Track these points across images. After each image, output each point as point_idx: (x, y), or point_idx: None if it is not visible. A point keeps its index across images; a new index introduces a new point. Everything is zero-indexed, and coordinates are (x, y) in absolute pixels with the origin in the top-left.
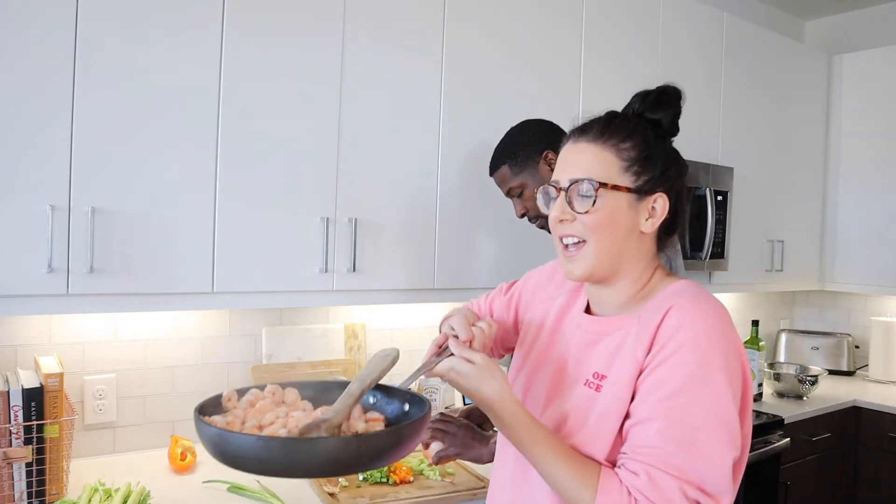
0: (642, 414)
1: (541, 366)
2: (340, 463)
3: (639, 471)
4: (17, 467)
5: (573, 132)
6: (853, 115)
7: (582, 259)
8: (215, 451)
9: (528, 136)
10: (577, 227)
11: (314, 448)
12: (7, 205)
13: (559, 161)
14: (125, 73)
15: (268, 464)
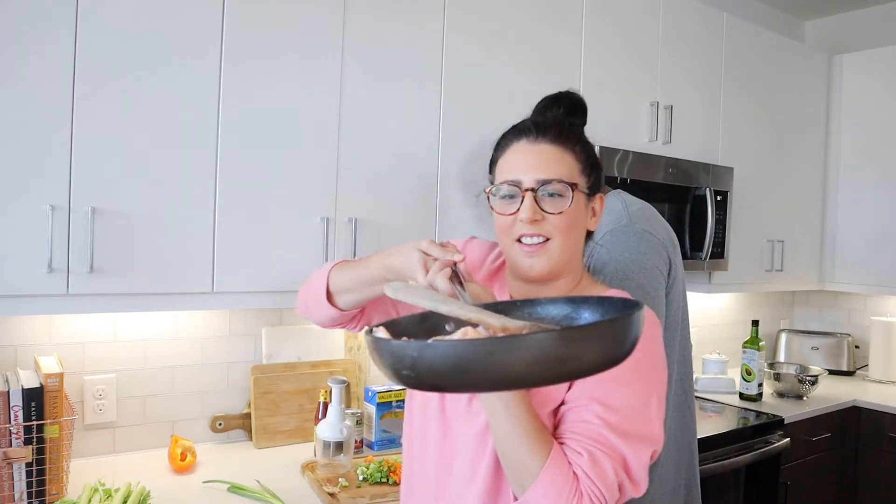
0: (581, 399)
1: None
2: (555, 361)
3: (581, 450)
4: (17, 467)
5: (524, 132)
6: (853, 115)
7: (546, 255)
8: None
9: None
10: (546, 227)
11: (526, 344)
12: (7, 205)
13: (513, 160)
14: (125, 72)
15: (470, 373)
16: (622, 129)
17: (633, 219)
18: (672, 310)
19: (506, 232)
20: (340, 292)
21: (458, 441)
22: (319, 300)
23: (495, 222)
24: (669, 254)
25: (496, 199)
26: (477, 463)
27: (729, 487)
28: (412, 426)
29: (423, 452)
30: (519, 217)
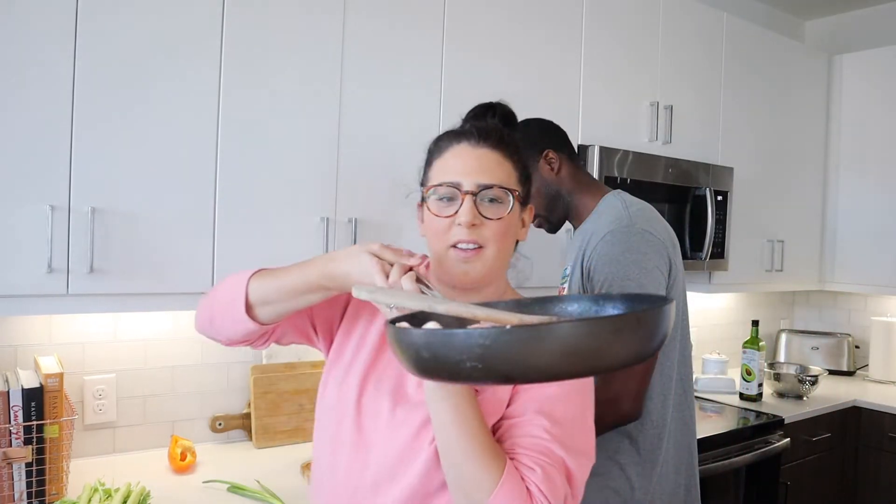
0: (528, 414)
1: (392, 364)
2: (585, 352)
3: (534, 465)
4: (17, 467)
5: (466, 135)
6: (853, 115)
7: (480, 261)
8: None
9: (526, 136)
10: (483, 232)
11: (555, 334)
12: (7, 205)
13: (453, 162)
14: (125, 72)
15: (488, 360)
16: (622, 129)
17: (634, 219)
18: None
19: (440, 235)
20: (263, 303)
21: (375, 457)
22: (235, 313)
23: (427, 224)
24: (670, 254)
25: (433, 201)
26: (398, 480)
27: (729, 487)
28: (324, 436)
29: (333, 467)
30: (458, 220)
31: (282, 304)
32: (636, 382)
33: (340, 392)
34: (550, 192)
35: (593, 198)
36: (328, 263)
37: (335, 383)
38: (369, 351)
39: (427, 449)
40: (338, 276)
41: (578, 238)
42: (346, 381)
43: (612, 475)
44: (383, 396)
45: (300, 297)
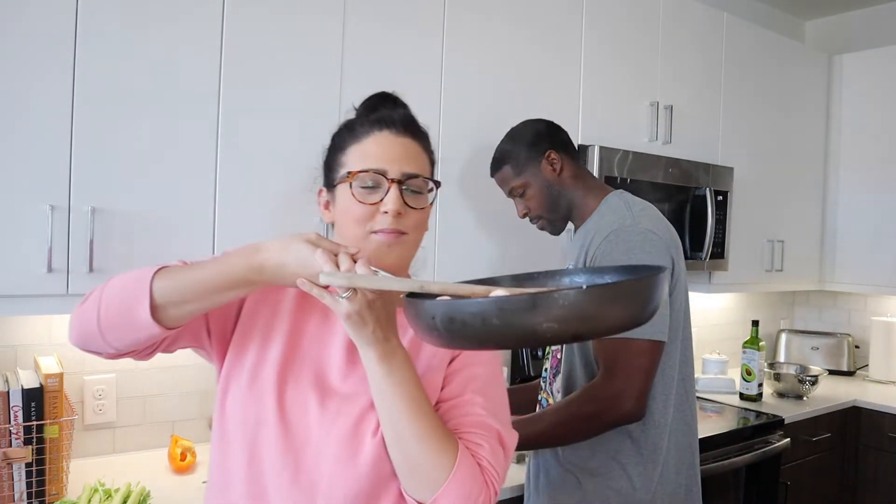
0: (466, 394)
1: (307, 358)
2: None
3: (481, 441)
4: (17, 467)
5: (388, 123)
6: (853, 115)
7: (400, 248)
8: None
9: (528, 136)
10: (406, 222)
11: (557, 301)
12: (7, 205)
13: (375, 149)
14: (125, 72)
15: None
16: (622, 129)
17: (637, 218)
18: (674, 310)
19: (361, 222)
20: (173, 304)
21: (311, 458)
22: (136, 318)
23: (346, 211)
24: (672, 254)
25: (357, 188)
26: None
27: (729, 487)
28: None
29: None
30: (384, 208)
31: (196, 303)
32: (639, 381)
33: (252, 396)
34: (553, 192)
35: (595, 198)
36: (255, 255)
37: (241, 389)
38: (279, 347)
39: (370, 441)
40: (269, 268)
41: (580, 238)
42: (257, 383)
43: (613, 475)
44: (306, 391)
45: (219, 294)
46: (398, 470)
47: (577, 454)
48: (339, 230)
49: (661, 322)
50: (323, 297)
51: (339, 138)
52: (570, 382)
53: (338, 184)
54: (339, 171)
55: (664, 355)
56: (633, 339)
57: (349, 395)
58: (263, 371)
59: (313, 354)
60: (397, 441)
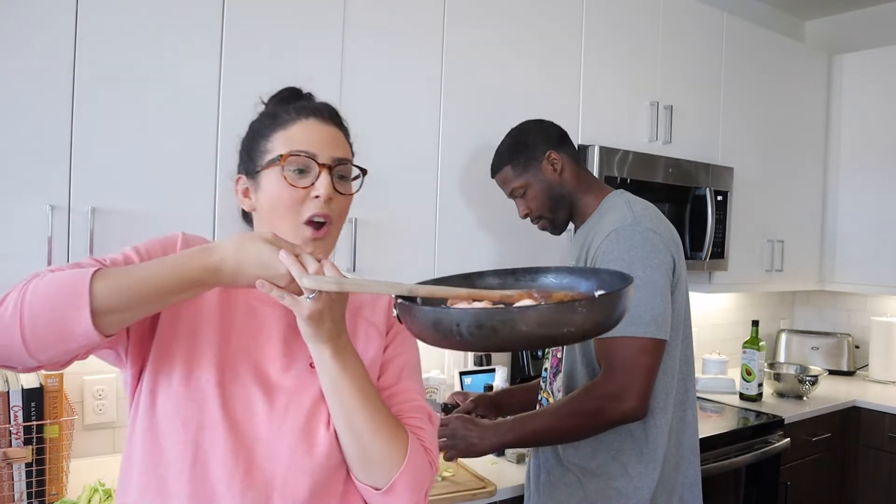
0: (402, 382)
1: (242, 353)
2: (597, 322)
3: (422, 424)
4: (17, 467)
5: (314, 112)
6: (853, 115)
7: (329, 239)
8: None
9: (530, 137)
10: (334, 207)
11: (575, 311)
12: (7, 205)
13: (303, 134)
14: (125, 72)
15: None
16: (622, 129)
17: (638, 218)
18: (675, 309)
19: (292, 209)
20: (117, 310)
21: (263, 458)
22: (74, 325)
23: (274, 197)
24: (674, 254)
25: (288, 171)
26: (297, 474)
27: (729, 487)
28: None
29: (201, 487)
30: (315, 193)
31: (142, 308)
32: (641, 379)
33: (189, 398)
34: (554, 193)
35: (596, 197)
36: (210, 256)
37: (174, 391)
38: (211, 345)
39: (324, 433)
40: (226, 269)
41: (581, 237)
42: (193, 384)
43: (614, 474)
44: (250, 389)
45: (169, 297)
46: (351, 460)
47: (578, 453)
48: (265, 217)
49: (664, 320)
50: (283, 297)
51: (261, 126)
52: (572, 381)
53: (262, 169)
54: (263, 157)
55: (665, 354)
56: (636, 337)
57: (294, 389)
58: (198, 371)
59: (247, 350)
60: (352, 433)
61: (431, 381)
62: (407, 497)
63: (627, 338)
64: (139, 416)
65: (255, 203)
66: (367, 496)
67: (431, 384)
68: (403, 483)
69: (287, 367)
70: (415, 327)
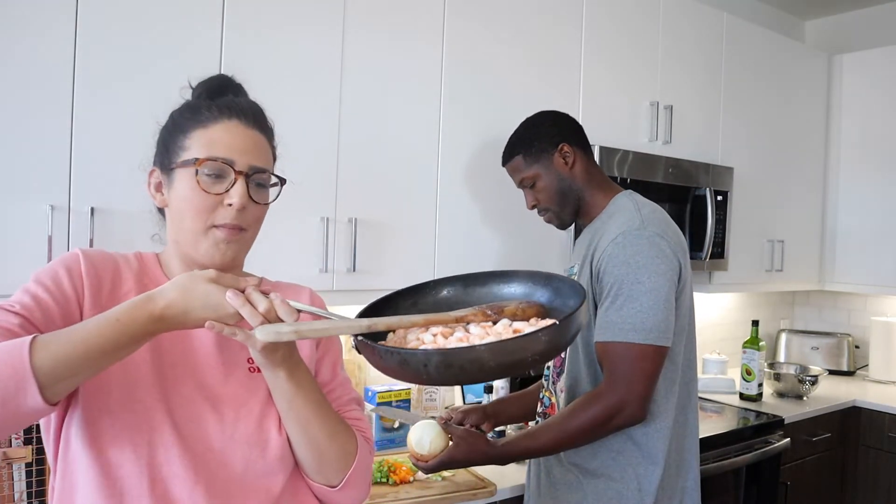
0: (337, 378)
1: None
2: (560, 346)
3: (359, 416)
4: (17, 467)
5: (238, 113)
6: (853, 114)
7: (238, 244)
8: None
9: (544, 128)
10: (247, 216)
11: (538, 341)
12: (7, 205)
13: (223, 137)
14: (125, 72)
15: (547, 352)
16: (622, 129)
17: (646, 222)
18: (680, 314)
19: (201, 213)
20: (63, 378)
21: (216, 470)
22: (21, 406)
23: (186, 199)
24: (680, 259)
25: (202, 175)
26: (254, 483)
27: (729, 487)
28: (119, 478)
29: (158, 500)
30: (229, 201)
31: (89, 371)
32: (641, 386)
33: (135, 418)
34: (563, 186)
35: (605, 196)
36: (152, 304)
37: (115, 413)
38: (144, 361)
39: (276, 438)
40: (171, 316)
41: (587, 237)
42: (136, 404)
43: (614, 476)
44: (195, 402)
45: (116, 354)
46: (307, 464)
47: (579, 454)
48: (174, 218)
49: (667, 328)
50: (234, 334)
51: (182, 119)
52: (575, 382)
53: (177, 167)
54: (179, 154)
55: (667, 359)
56: (638, 343)
57: (239, 397)
58: (139, 392)
59: (182, 362)
60: (308, 441)
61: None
62: (358, 489)
63: (630, 343)
64: (76, 450)
65: (166, 200)
66: (321, 494)
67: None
68: (355, 478)
69: (227, 374)
70: (379, 365)
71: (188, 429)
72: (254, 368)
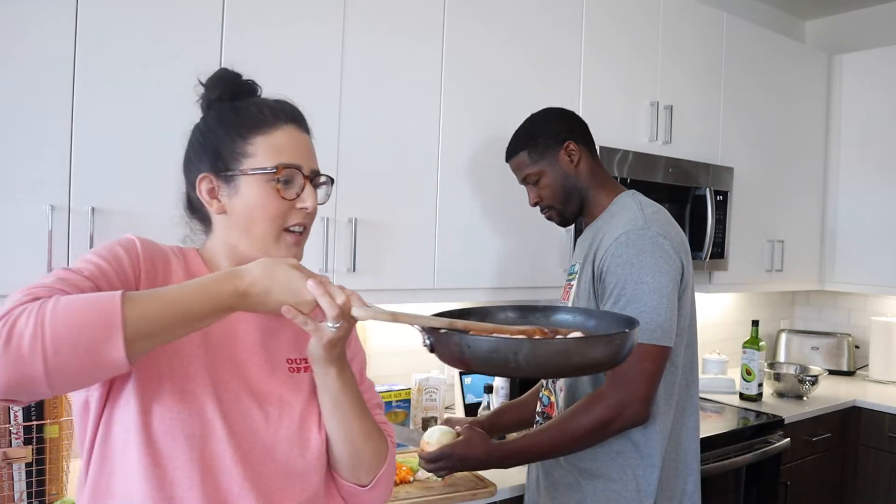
0: (364, 382)
1: (226, 363)
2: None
3: (385, 419)
4: (17, 467)
5: (294, 118)
6: (853, 114)
7: (302, 246)
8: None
9: (549, 124)
10: (310, 216)
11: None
12: (7, 205)
13: (286, 143)
14: (125, 72)
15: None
16: (622, 129)
17: (649, 222)
18: (682, 315)
19: (276, 219)
20: (147, 336)
21: (261, 468)
22: (103, 355)
23: (259, 205)
24: (683, 259)
25: (280, 182)
26: (295, 480)
27: (729, 487)
28: (170, 470)
29: (210, 493)
30: (302, 205)
31: (169, 334)
32: (644, 386)
33: (188, 412)
34: (567, 184)
35: (608, 196)
36: (240, 280)
37: (169, 406)
38: (197, 358)
39: (316, 437)
40: (254, 294)
41: (589, 236)
42: (188, 397)
43: (613, 477)
44: (242, 398)
45: (196, 323)
46: (342, 463)
47: (578, 455)
48: (239, 223)
49: (669, 328)
50: (306, 324)
51: (234, 124)
52: (574, 382)
53: (244, 174)
54: (241, 160)
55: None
56: (641, 343)
57: (282, 396)
58: (190, 385)
59: (229, 358)
60: (348, 440)
61: (431, 381)
62: (386, 489)
63: None
64: (120, 438)
65: (226, 206)
66: (349, 493)
67: (431, 384)
68: (385, 478)
69: (270, 372)
70: (461, 355)
71: (238, 424)
72: (294, 369)
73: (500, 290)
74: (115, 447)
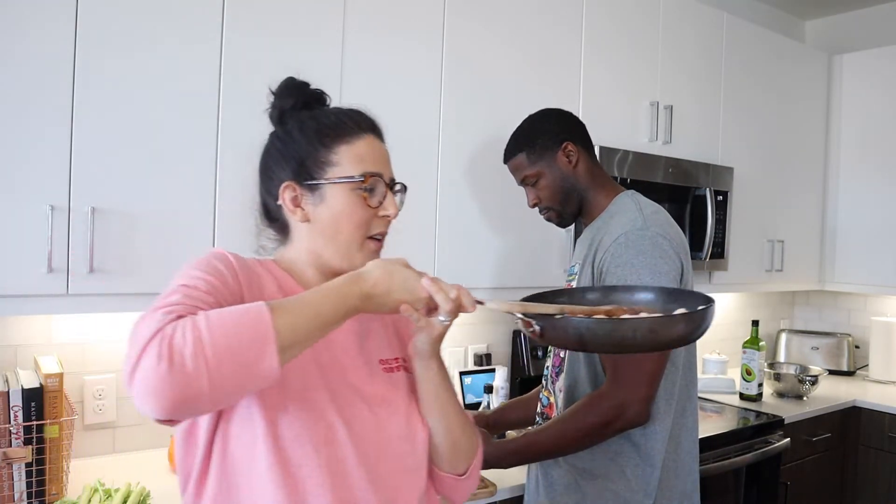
0: None
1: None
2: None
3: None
4: (17, 467)
5: (372, 128)
6: (853, 115)
7: (380, 253)
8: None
9: (548, 125)
10: (389, 224)
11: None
12: (7, 205)
13: (367, 152)
14: (125, 72)
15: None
16: (622, 129)
17: (649, 222)
18: None
19: (361, 227)
20: (294, 345)
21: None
22: (259, 367)
23: (345, 214)
24: (682, 259)
25: (367, 191)
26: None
27: (729, 487)
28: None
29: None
30: (384, 213)
31: (309, 341)
32: (644, 387)
33: (311, 418)
34: (566, 185)
35: (607, 196)
36: (363, 283)
37: (292, 413)
38: (308, 363)
39: (421, 434)
40: (377, 296)
41: (588, 237)
42: (309, 403)
43: (612, 477)
44: (354, 402)
45: (330, 327)
46: (443, 454)
47: (578, 455)
48: (325, 231)
49: None
50: (419, 320)
51: (318, 134)
52: (574, 382)
53: (330, 183)
54: (325, 169)
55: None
56: None
57: (385, 396)
58: (309, 390)
59: (334, 363)
60: (448, 431)
61: None
62: (476, 478)
63: None
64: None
65: (310, 214)
66: (446, 483)
67: None
68: (476, 466)
69: (370, 374)
70: (583, 337)
71: (356, 427)
72: (388, 369)
73: (500, 290)
74: (238, 460)
